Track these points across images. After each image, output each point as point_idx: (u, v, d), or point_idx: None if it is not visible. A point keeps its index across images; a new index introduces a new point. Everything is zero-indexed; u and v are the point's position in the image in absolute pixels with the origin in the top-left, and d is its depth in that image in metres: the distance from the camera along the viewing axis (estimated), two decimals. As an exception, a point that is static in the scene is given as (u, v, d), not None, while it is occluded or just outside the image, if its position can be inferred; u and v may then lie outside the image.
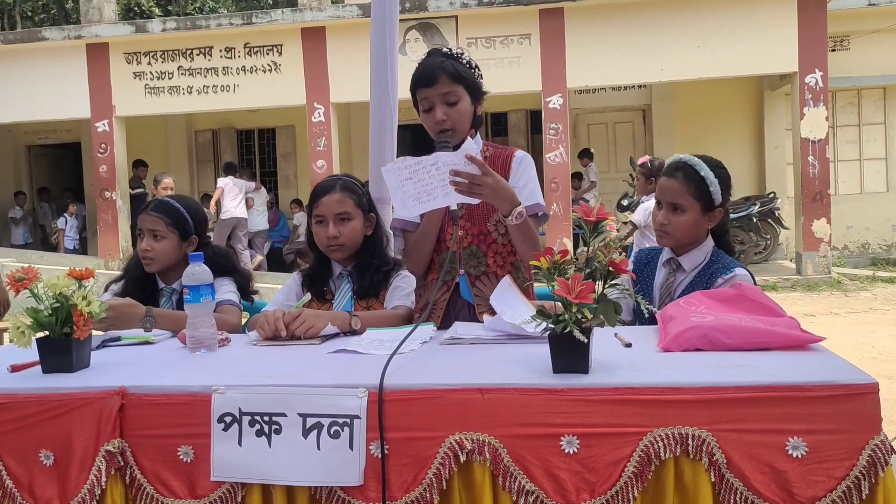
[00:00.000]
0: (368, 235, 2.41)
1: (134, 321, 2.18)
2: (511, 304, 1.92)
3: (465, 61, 2.32)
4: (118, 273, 2.65)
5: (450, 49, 2.36)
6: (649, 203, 5.43)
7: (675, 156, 2.35)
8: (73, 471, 1.51)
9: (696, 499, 1.36)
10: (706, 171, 2.24)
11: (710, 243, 2.31)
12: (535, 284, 2.43)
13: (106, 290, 2.54)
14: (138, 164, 12.47)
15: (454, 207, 2.14)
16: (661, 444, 1.36)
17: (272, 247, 13.01)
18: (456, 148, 2.25)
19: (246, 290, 2.58)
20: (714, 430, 1.36)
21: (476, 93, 2.33)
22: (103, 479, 1.48)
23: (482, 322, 2.20)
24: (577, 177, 12.00)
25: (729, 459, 1.35)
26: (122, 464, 1.50)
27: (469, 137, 2.30)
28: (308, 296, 2.31)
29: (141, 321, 2.18)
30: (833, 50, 11.19)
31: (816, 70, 10.20)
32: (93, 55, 11.74)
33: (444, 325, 2.24)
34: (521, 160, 2.38)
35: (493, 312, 2.24)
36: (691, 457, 1.36)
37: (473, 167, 1.99)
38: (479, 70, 2.37)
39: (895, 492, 1.33)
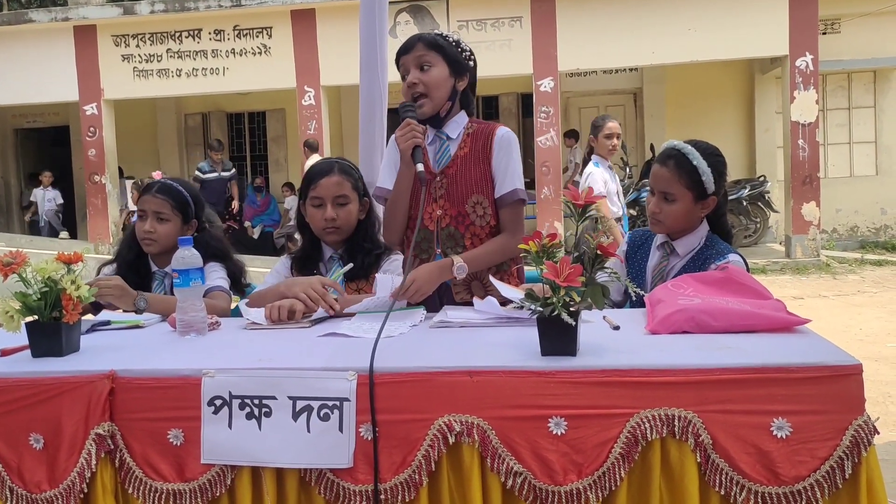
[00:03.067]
0: (361, 220, 2.41)
1: (129, 298, 2.20)
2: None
3: (451, 40, 2.33)
4: (109, 257, 2.65)
5: (442, 33, 2.37)
6: None
7: (669, 142, 2.30)
8: (63, 454, 1.51)
9: (682, 479, 1.38)
10: (698, 161, 2.21)
11: (704, 228, 2.30)
12: (525, 268, 2.43)
13: (98, 273, 2.53)
14: (214, 147, 11.65)
15: (421, 169, 2.15)
16: (647, 425, 1.37)
17: (263, 231, 12.97)
18: (422, 118, 2.28)
19: (238, 281, 2.57)
20: (700, 411, 1.37)
21: (457, 65, 2.31)
22: (93, 462, 1.49)
23: (458, 302, 2.22)
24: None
25: (715, 440, 1.36)
26: (112, 447, 1.50)
27: (455, 115, 2.33)
28: (350, 265, 2.29)
29: (134, 301, 2.20)
30: (824, 33, 11.18)
31: (807, 53, 10.20)
32: (80, 37, 11.63)
33: (422, 304, 2.23)
34: (502, 139, 2.34)
35: (470, 294, 2.25)
36: (677, 438, 1.37)
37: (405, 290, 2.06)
38: (469, 53, 2.37)
39: (877, 471, 1.35)
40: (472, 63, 2.37)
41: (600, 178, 5.38)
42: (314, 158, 10.77)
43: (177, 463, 1.49)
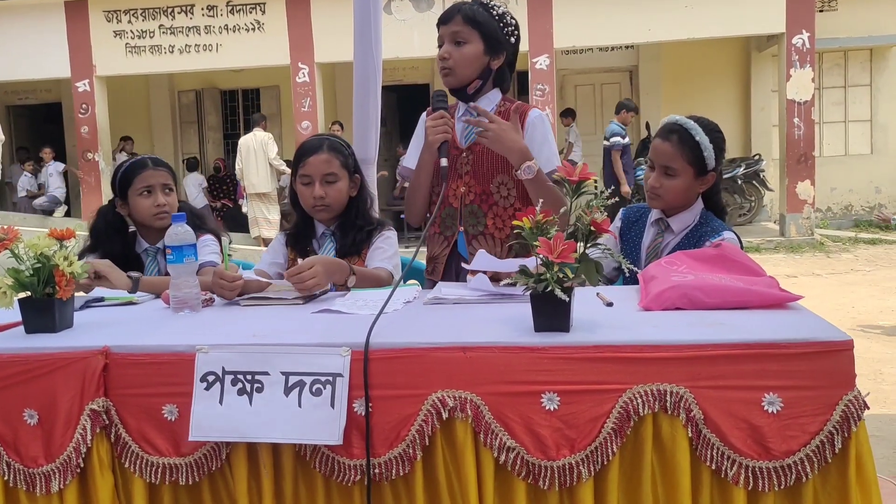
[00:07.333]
0: (353, 197, 2.41)
1: (123, 281, 2.20)
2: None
3: (496, 13, 2.28)
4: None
5: (488, 3, 2.31)
6: None
7: (671, 117, 2.29)
8: (58, 430, 1.52)
9: (673, 454, 1.39)
10: (701, 136, 2.21)
11: (699, 205, 2.30)
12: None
13: (80, 257, 2.48)
14: (630, 108, 9.80)
15: (444, 164, 2.14)
16: (639, 400, 1.38)
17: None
18: (462, 98, 2.33)
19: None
20: (692, 386, 1.38)
21: (494, 43, 2.27)
22: (88, 437, 1.49)
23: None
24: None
25: (706, 415, 1.37)
26: (107, 422, 1.51)
27: (488, 92, 2.34)
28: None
29: (128, 285, 2.20)
30: (821, 11, 11.13)
31: (803, 31, 10.16)
32: (72, 13, 11.51)
33: (445, 278, 2.33)
34: (535, 120, 2.31)
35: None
36: (669, 413, 1.38)
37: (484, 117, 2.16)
38: (512, 28, 2.32)
39: (867, 446, 1.36)
40: (513, 39, 2.32)
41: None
42: (259, 133, 10.86)
43: (172, 438, 1.50)
